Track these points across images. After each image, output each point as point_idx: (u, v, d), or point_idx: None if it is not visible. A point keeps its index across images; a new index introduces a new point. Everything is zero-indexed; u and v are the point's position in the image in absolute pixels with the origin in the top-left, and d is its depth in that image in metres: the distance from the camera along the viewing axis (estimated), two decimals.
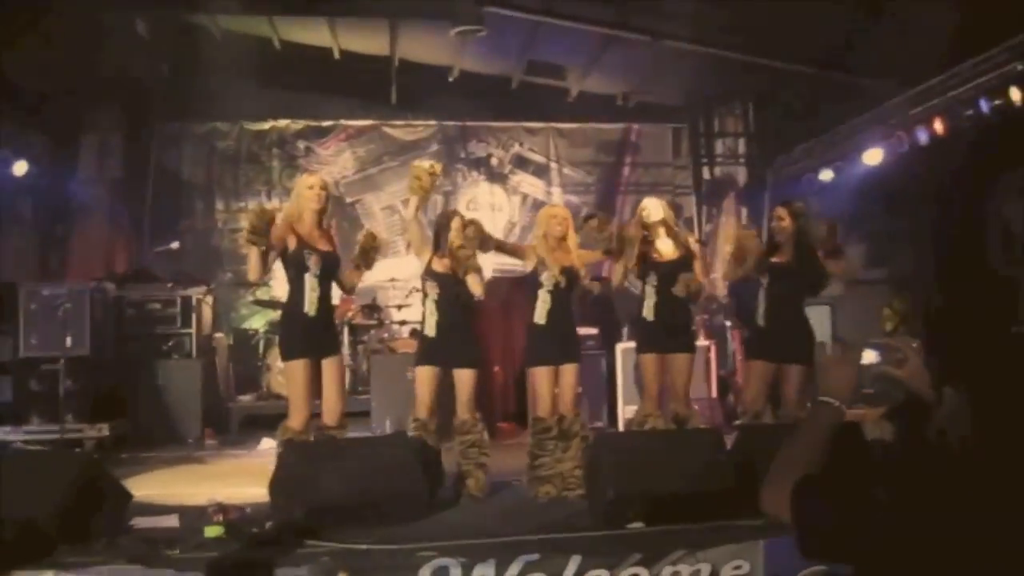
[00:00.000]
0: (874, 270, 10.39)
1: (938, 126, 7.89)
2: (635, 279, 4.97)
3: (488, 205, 11.32)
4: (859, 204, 9.77)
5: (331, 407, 4.51)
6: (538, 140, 11.57)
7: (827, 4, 8.35)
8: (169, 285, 7.93)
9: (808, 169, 9.94)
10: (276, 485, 3.94)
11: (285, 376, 4.51)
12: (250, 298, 9.22)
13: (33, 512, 3.57)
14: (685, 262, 4.96)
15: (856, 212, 10.00)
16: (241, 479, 5.49)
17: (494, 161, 11.46)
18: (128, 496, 4.08)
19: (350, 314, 8.91)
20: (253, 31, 10.22)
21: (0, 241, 8.98)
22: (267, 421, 8.03)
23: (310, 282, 4.44)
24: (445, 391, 4.80)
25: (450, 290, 4.65)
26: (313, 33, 10.36)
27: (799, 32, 8.96)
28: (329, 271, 4.55)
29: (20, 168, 8.79)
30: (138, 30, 9.24)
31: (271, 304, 8.76)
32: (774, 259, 5.00)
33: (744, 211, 10.44)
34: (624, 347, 7.23)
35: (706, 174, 11.09)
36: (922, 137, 8.10)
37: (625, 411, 7.13)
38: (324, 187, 4.61)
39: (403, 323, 8.87)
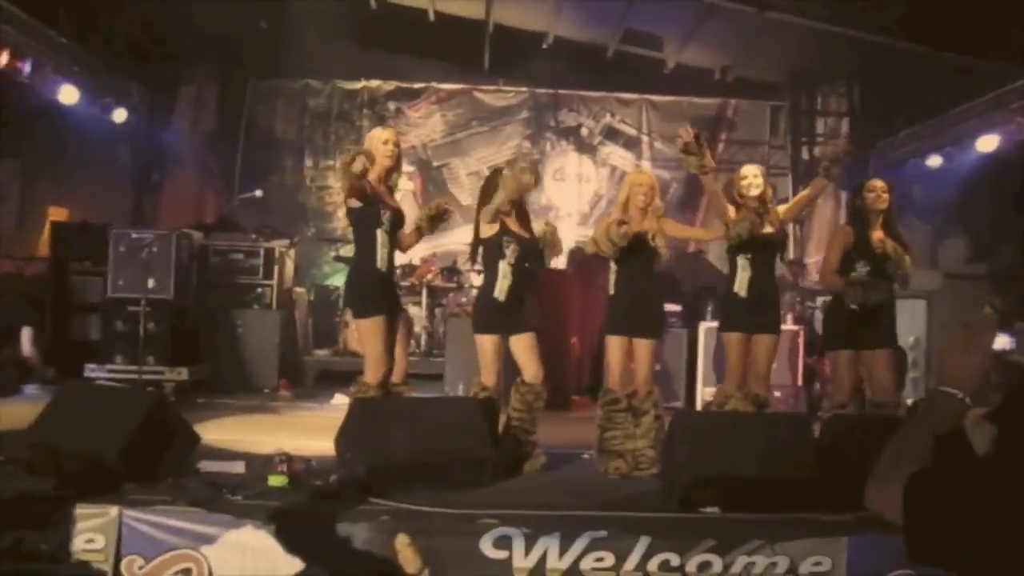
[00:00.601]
0: (975, 264, 9.86)
1: None
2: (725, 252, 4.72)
3: (575, 176, 11.14)
4: (966, 194, 9.26)
5: (398, 365, 4.43)
6: (630, 112, 11.29)
7: None
8: (253, 236, 8.01)
9: (914, 154, 9.45)
10: (342, 440, 3.88)
11: (361, 332, 4.40)
12: (332, 254, 9.23)
13: (101, 447, 3.60)
14: (782, 239, 4.69)
15: (962, 203, 9.49)
16: (310, 432, 5.48)
17: (584, 131, 11.24)
18: (196, 439, 4.09)
19: (429, 276, 8.88)
20: None
21: (98, 185, 9.26)
22: (341, 377, 8.10)
23: (381, 238, 4.34)
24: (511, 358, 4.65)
25: (525, 253, 4.48)
26: None
27: (913, 8, 8.47)
28: (396, 228, 4.45)
29: (120, 116, 9.01)
30: None
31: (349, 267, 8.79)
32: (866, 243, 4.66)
33: (843, 195, 9.95)
34: (707, 326, 6.98)
35: (804, 154, 10.62)
36: None
37: (704, 392, 6.91)
38: (397, 143, 4.49)
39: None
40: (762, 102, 11.22)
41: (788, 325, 7.12)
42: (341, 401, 7.04)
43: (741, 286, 4.55)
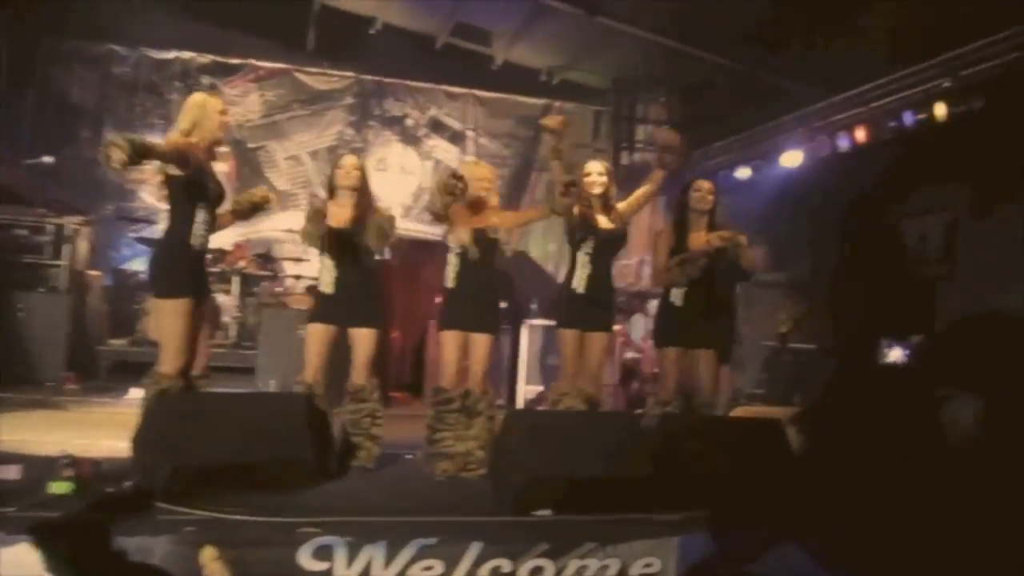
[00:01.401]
0: (773, 273, 10.46)
1: (860, 134, 7.91)
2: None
3: (398, 167, 10.90)
4: (768, 206, 9.79)
5: (200, 356, 4.02)
6: (457, 106, 11.20)
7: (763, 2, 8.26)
8: (42, 211, 7.15)
9: (725, 165, 9.89)
10: (140, 439, 3.45)
11: (161, 315, 3.92)
12: (133, 235, 8.48)
13: None
14: (623, 235, 4.67)
15: (764, 214, 10.03)
16: (102, 430, 4.94)
17: (409, 122, 11.03)
18: None
19: (242, 263, 8.35)
20: None
21: None
22: (139, 369, 7.36)
23: (201, 214, 3.92)
24: (337, 353, 4.37)
25: (349, 244, 4.23)
26: None
27: (731, 27, 8.86)
28: (216, 207, 4.05)
29: None
30: None
31: (153, 243, 8.09)
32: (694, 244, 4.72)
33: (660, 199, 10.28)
34: (532, 324, 6.96)
35: (625, 159, 10.89)
36: (843, 143, 8.12)
37: (526, 391, 6.87)
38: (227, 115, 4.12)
39: (299, 277, 8.33)
40: (586, 105, 11.41)
41: None
42: (138, 395, 6.41)
43: (580, 282, 4.48)
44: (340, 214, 4.30)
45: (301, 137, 10.54)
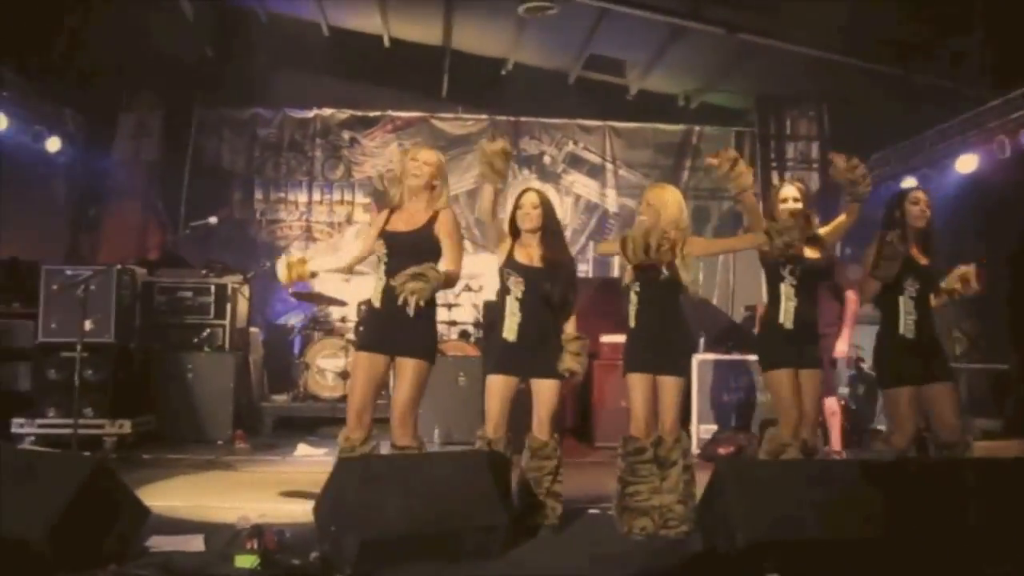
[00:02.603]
0: None
1: None
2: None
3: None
4: (937, 216, 9.06)
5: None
6: (593, 139, 10.97)
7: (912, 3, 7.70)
8: (203, 272, 7.32)
9: (888, 176, 9.26)
10: (324, 507, 3.27)
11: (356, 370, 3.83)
12: (291, 291, 8.60)
13: (25, 527, 2.95)
14: (830, 265, 4.26)
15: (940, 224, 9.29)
16: (276, 491, 4.88)
17: (547, 159, 10.89)
18: (145, 513, 3.44)
19: None
20: (301, 15, 9.78)
21: (29, 223, 8.49)
22: (302, 424, 7.50)
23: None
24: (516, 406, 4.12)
25: (538, 286, 3.97)
26: (363, 19, 9.93)
27: (881, 31, 8.30)
28: None
29: (53, 144, 8.38)
30: (183, 10, 8.85)
31: (312, 298, 8.17)
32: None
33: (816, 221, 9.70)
34: (702, 358, 6.55)
35: (775, 180, 10.36)
36: None
37: (699, 430, 6.47)
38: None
39: (452, 323, 8.22)
40: (727, 128, 10.98)
41: None
42: (305, 452, 6.42)
43: (786, 317, 4.09)
44: (527, 254, 4.07)
45: None
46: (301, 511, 4.08)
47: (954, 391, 4.26)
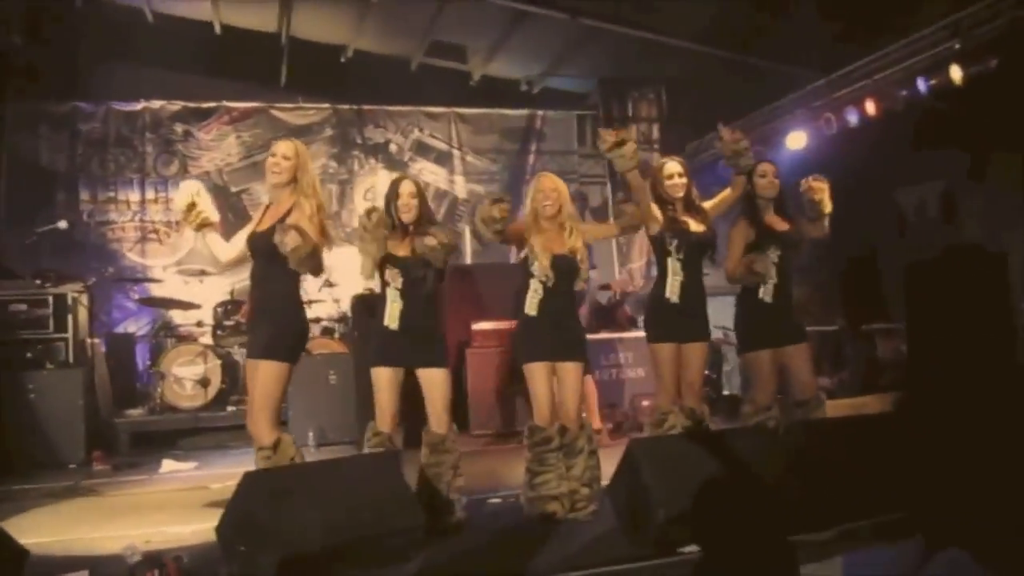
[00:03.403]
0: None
1: (870, 107, 7.74)
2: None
3: None
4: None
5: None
6: (439, 126, 10.92)
7: None
8: (37, 282, 6.69)
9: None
10: (230, 526, 3.06)
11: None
12: (135, 297, 8.04)
13: None
14: (713, 237, 4.38)
15: None
16: (153, 513, 4.56)
17: (393, 147, 10.74)
18: (23, 553, 3.12)
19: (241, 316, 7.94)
20: (122, 1, 9.12)
21: None
22: (162, 438, 7.03)
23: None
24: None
25: (416, 276, 3.90)
26: (190, 5, 9.36)
27: (714, 16, 8.70)
28: None
29: None
30: None
31: (162, 303, 7.68)
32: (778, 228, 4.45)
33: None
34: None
35: None
36: (852, 119, 7.96)
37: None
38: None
39: (316, 320, 7.96)
40: (570, 112, 11.20)
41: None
42: (172, 468, 6.04)
43: (673, 291, 4.19)
44: (402, 244, 3.98)
45: None
46: (190, 532, 3.86)
47: (808, 351, 4.49)
